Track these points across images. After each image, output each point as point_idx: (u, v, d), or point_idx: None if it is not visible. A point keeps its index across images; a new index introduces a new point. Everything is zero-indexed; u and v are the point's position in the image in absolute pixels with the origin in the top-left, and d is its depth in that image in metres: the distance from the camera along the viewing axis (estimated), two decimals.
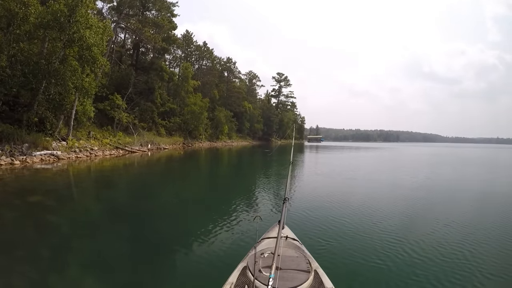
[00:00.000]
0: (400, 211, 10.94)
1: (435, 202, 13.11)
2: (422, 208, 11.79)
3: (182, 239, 7.75)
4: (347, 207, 11.32)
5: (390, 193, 15.17)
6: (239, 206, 11.45)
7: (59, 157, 21.26)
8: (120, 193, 14.07)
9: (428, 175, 22.55)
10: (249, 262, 4.03)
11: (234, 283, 3.73)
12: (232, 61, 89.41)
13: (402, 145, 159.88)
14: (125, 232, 8.11)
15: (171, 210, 10.92)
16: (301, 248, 4.67)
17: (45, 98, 22.47)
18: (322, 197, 13.13)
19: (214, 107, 68.87)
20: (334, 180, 19.31)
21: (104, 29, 24.15)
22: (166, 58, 61.21)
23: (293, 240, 4.93)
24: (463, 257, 6.61)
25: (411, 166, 31.22)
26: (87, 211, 10.32)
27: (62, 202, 11.17)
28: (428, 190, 15.91)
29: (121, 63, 46.07)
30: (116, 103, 36.60)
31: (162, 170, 24.00)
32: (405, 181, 19.20)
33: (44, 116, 22.36)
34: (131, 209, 10.64)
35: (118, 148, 31.04)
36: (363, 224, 9.01)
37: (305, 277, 3.73)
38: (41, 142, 21.07)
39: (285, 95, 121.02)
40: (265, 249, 4.49)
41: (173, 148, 45.59)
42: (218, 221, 9.02)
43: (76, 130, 27.32)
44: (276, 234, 4.73)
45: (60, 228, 8.24)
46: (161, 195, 13.73)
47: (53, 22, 21.25)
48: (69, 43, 21.85)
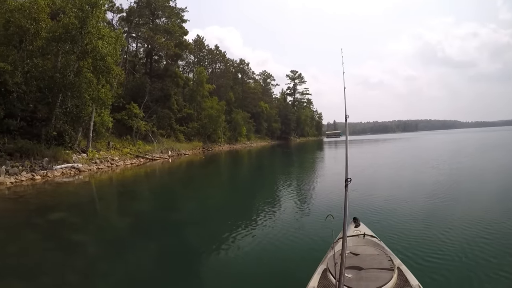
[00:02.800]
0: (484, 200, 10.39)
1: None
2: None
3: (249, 246, 7.30)
4: (418, 198, 10.97)
5: (465, 183, 14.49)
6: (303, 206, 11.20)
7: (80, 169, 21.19)
8: (146, 204, 13.59)
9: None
10: (329, 263, 3.91)
11: (315, 287, 3.62)
12: (245, 62, 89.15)
13: (422, 134, 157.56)
14: (161, 248, 7.61)
15: (220, 217, 10.32)
16: (381, 245, 4.53)
17: (62, 112, 22.51)
18: (388, 190, 12.95)
19: (231, 110, 68.52)
20: (388, 171, 19.05)
21: (116, 39, 24.04)
22: (179, 64, 61.37)
23: (371, 237, 4.83)
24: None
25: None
26: (112, 226, 9.86)
27: (85, 218, 10.79)
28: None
29: (135, 72, 46.24)
30: (134, 112, 36.61)
31: (191, 176, 23.89)
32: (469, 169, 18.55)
33: (62, 130, 22.34)
34: (164, 221, 10.21)
35: (139, 157, 30.99)
36: (442, 215, 8.60)
37: (389, 276, 3.58)
38: (61, 156, 21.04)
39: (300, 92, 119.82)
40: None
41: (193, 153, 45.41)
42: (286, 224, 8.76)
43: (95, 142, 27.35)
44: (353, 232, 4.92)
45: (85, 249, 7.73)
46: (203, 202, 13.09)
47: (65, 35, 21.26)
48: (83, 54, 21.85)
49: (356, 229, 5.09)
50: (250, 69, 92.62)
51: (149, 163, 30.12)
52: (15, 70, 19.88)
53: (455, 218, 8.25)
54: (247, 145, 71.03)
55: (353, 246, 4.45)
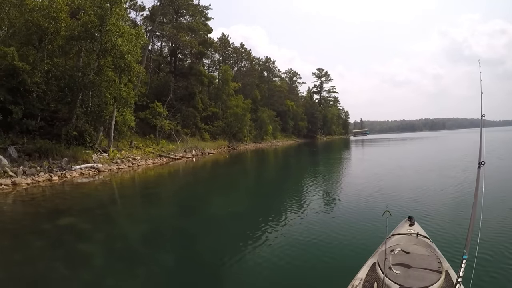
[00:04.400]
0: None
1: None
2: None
3: (306, 233, 7.85)
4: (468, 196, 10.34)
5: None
6: (362, 201, 11.32)
7: (100, 169, 20.74)
8: (164, 208, 12.57)
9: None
10: (379, 258, 4.01)
11: (363, 278, 3.76)
12: (271, 60, 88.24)
13: (450, 132, 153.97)
14: (179, 261, 6.93)
15: (253, 218, 9.99)
16: (432, 247, 4.54)
17: (83, 111, 22.17)
18: (450, 190, 12.67)
19: (256, 108, 67.88)
20: (447, 173, 17.81)
21: (137, 36, 23.57)
22: (204, 62, 61.22)
23: (424, 237, 4.85)
24: None
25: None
26: (125, 234, 8.94)
27: (96, 224, 9.91)
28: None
29: (160, 71, 46.02)
30: (157, 111, 36.26)
31: (215, 176, 23.12)
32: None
33: (83, 129, 21.99)
34: (184, 229, 9.36)
35: (162, 156, 30.49)
36: (501, 222, 8.00)
37: (435, 278, 3.61)
38: (81, 156, 20.68)
39: (326, 90, 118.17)
40: (395, 246, 4.44)
41: (218, 152, 44.86)
42: (342, 217, 9.24)
43: (117, 141, 26.99)
44: (407, 230, 5.06)
45: (93, 260, 6.93)
46: (231, 204, 12.26)
47: (84, 34, 20.93)
48: (102, 53, 21.47)
49: (410, 228, 5.16)
50: (276, 67, 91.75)
51: (172, 163, 29.59)
52: (34, 70, 19.60)
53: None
54: (273, 144, 70.20)
55: (405, 244, 4.53)
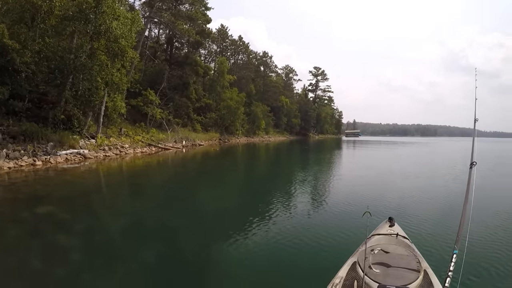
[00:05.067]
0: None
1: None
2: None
3: (288, 231, 7.94)
4: (453, 203, 11.17)
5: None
6: (342, 201, 11.54)
7: (86, 156, 20.14)
8: (149, 199, 12.10)
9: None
10: (359, 257, 4.09)
11: (343, 277, 3.83)
12: (268, 55, 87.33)
13: (441, 139, 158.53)
14: (161, 255, 6.61)
15: (239, 214, 10.08)
16: (411, 247, 4.67)
17: (72, 95, 21.45)
18: (430, 194, 13.19)
19: (250, 102, 67.36)
20: (431, 176, 19.05)
21: (133, 20, 22.87)
22: (201, 53, 60.50)
23: (404, 238, 4.98)
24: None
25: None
26: (106, 227, 8.44)
27: (77, 214, 9.35)
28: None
29: (155, 59, 45.20)
30: (150, 99, 35.54)
31: (204, 168, 22.87)
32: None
33: (71, 113, 21.34)
34: (167, 221, 9.04)
35: (151, 145, 29.93)
36: (478, 224, 8.39)
37: (414, 277, 3.71)
38: (68, 141, 20.03)
39: (322, 89, 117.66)
40: (375, 246, 4.55)
41: (208, 144, 44.52)
42: (325, 216, 9.61)
43: (106, 127, 26.36)
44: (387, 231, 5.18)
45: (70, 254, 6.43)
46: (216, 200, 12.15)
47: (79, 14, 20.20)
48: (96, 35, 20.74)
49: (390, 229, 5.28)
50: (273, 63, 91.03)
51: (161, 153, 29.11)
52: (24, 49, 18.83)
53: (487, 226, 8.45)
54: (265, 139, 70.18)
55: (385, 244, 4.65)
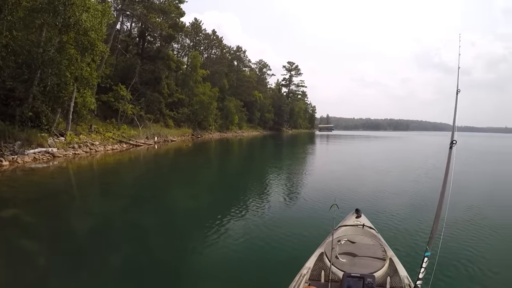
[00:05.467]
0: (480, 198, 11.34)
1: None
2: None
3: (258, 225, 8.19)
4: (425, 196, 11.55)
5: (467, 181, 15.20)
6: (311, 194, 11.91)
7: (55, 154, 19.32)
8: (118, 199, 11.56)
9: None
10: (326, 248, 4.20)
11: (311, 267, 3.90)
12: (242, 50, 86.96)
13: (413, 133, 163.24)
14: (131, 260, 6.30)
15: (210, 209, 10.28)
16: (377, 237, 4.81)
17: (40, 90, 20.58)
18: (396, 186, 13.70)
19: (224, 97, 67.06)
20: (397, 169, 19.68)
21: (103, 13, 22.13)
22: (174, 47, 59.74)
23: (370, 228, 5.11)
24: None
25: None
26: (74, 230, 8.05)
27: (43, 217, 8.97)
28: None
29: (127, 53, 44.10)
30: (121, 94, 34.52)
31: (176, 165, 22.64)
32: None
33: (40, 110, 20.43)
34: (136, 223, 8.61)
35: (122, 142, 29.17)
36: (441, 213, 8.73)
37: (380, 265, 3.81)
38: (36, 139, 19.17)
39: (295, 84, 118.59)
40: (342, 237, 4.71)
41: (181, 140, 43.95)
42: (293, 209, 9.99)
43: (76, 124, 25.47)
44: (353, 222, 5.30)
45: (36, 259, 6.14)
46: (187, 196, 12.18)
47: (47, 6, 19.36)
48: (65, 28, 19.93)
49: (357, 220, 5.40)
50: (247, 57, 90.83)
51: (133, 149, 28.48)
52: None
53: (450, 216, 8.40)
54: (238, 134, 70.05)
55: (352, 234, 4.83)
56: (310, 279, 3.70)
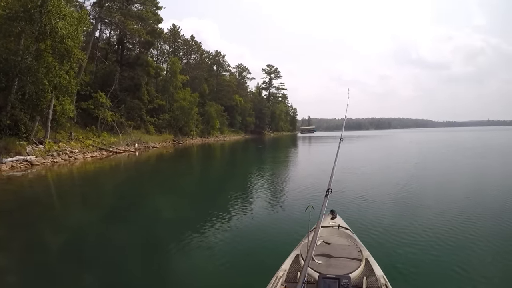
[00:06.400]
0: (456, 199, 11.01)
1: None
2: (481, 195, 11.88)
3: (235, 230, 8.19)
4: (399, 196, 11.59)
5: (440, 180, 15.36)
6: (288, 197, 12.12)
7: (32, 163, 19.31)
8: (97, 210, 10.84)
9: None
10: (302, 250, 4.20)
11: (287, 270, 3.87)
12: (221, 55, 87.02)
13: (396, 131, 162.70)
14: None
15: (190, 214, 10.31)
16: (353, 237, 4.81)
17: (18, 99, 20.53)
18: (370, 187, 13.54)
19: (204, 102, 66.89)
20: (377, 170, 19.53)
21: (79, 20, 22.17)
22: (153, 53, 59.69)
23: (345, 229, 5.11)
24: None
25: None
26: (46, 245, 7.57)
27: (13, 230, 8.40)
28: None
29: (107, 60, 43.92)
30: (100, 101, 34.49)
31: (156, 171, 22.23)
32: (448, 168, 19.61)
33: (18, 118, 20.38)
34: (111, 238, 7.97)
35: (102, 150, 29.09)
36: (415, 213, 9.17)
37: (356, 265, 3.83)
38: (14, 147, 19.15)
39: (276, 87, 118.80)
40: (318, 238, 4.47)
41: (162, 146, 43.85)
42: (270, 212, 9.96)
43: (55, 132, 25.35)
44: (328, 223, 5.27)
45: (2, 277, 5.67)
46: (167, 204, 11.86)
47: (23, 14, 19.38)
48: (41, 36, 19.93)
49: (332, 221, 5.39)
50: (226, 62, 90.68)
51: (113, 156, 28.35)
52: None
53: (425, 215, 8.90)
54: (220, 139, 69.72)
55: (327, 236, 4.81)
56: (286, 281, 3.67)
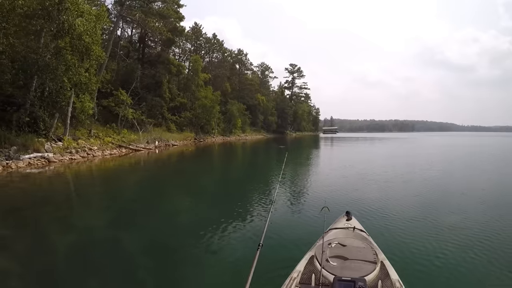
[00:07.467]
0: (478, 205, 10.74)
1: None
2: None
3: (250, 230, 8.09)
4: (416, 200, 11.39)
5: (461, 185, 15.02)
6: (304, 198, 12.06)
7: (50, 159, 19.32)
8: (110, 211, 10.49)
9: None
10: (317, 251, 4.16)
11: (301, 271, 3.84)
12: (244, 53, 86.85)
13: (419, 134, 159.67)
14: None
15: (207, 212, 10.32)
16: (368, 239, 4.74)
17: (38, 96, 20.62)
18: (388, 189, 13.46)
19: (226, 101, 66.97)
20: (393, 171, 19.04)
21: (98, 17, 22.11)
22: (175, 52, 59.98)
23: (361, 231, 5.06)
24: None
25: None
26: (52, 246, 7.16)
27: (21, 229, 8.12)
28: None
29: (128, 58, 44.25)
30: (121, 99, 34.67)
31: (176, 170, 22.12)
32: (474, 175, 18.87)
33: (37, 116, 20.46)
34: (124, 243, 7.42)
35: (121, 147, 29.14)
36: (436, 219, 8.79)
37: (371, 268, 3.78)
38: (33, 144, 19.19)
39: (298, 86, 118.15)
40: (333, 239, 4.61)
41: (183, 144, 43.84)
42: (286, 212, 9.88)
43: (75, 129, 25.52)
44: (344, 225, 5.25)
45: (8, 281, 5.33)
46: (185, 204, 11.86)
47: (41, 11, 19.41)
48: (59, 33, 19.92)
49: (347, 222, 5.35)
50: (248, 60, 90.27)
51: (132, 154, 28.35)
52: None
53: (443, 220, 8.74)
54: (242, 138, 69.56)
55: (342, 237, 4.74)
56: (300, 283, 3.63)
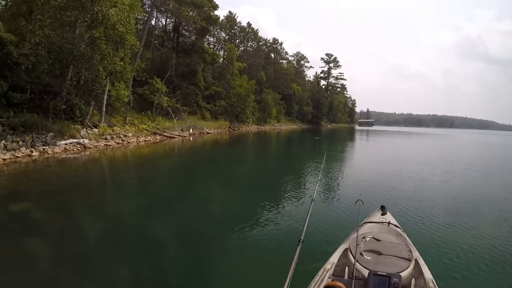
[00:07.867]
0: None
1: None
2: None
3: (289, 220, 8.18)
4: (454, 202, 10.99)
5: (504, 190, 14.30)
6: (340, 190, 12.18)
7: (86, 145, 19.95)
8: (140, 198, 10.67)
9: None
10: (351, 244, 4.17)
11: (335, 263, 3.88)
12: (279, 42, 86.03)
13: (458, 131, 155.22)
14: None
15: (242, 202, 10.54)
16: (403, 236, 4.72)
17: (74, 84, 21.23)
18: (425, 188, 13.02)
19: (261, 90, 66.86)
20: (429, 170, 18.53)
21: (131, 6, 22.39)
22: (210, 40, 60.29)
23: (395, 227, 5.02)
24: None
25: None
26: (84, 231, 7.43)
27: (54, 214, 8.46)
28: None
29: (163, 47, 44.88)
30: (156, 87, 35.17)
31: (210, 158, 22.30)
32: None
33: (73, 103, 21.10)
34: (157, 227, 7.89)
35: (156, 134, 29.73)
36: (472, 223, 8.52)
37: (405, 265, 3.73)
38: (69, 130, 19.86)
39: (334, 77, 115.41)
40: (367, 233, 4.60)
41: (217, 132, 44.33)
42: (321, 204, 9.88)
43: (110, 116, 26.27)
44: (378, 219, 5.24)
45: (37, 262, 5.70)
46: (220, 193, 12.06)
47: (75, 2, 19.87)
48: (93, 23, 20.34)
49: (382, 217, 5.32)
50: (284, 49, 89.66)
51: (167, 141, 28.95)
52: (22, 41, 18.72)
53: (481, 226, 8.33)
54: (276, 128, 69.46)
55: (377, 232, 4.70)
56: (333, 275, 3.67)
